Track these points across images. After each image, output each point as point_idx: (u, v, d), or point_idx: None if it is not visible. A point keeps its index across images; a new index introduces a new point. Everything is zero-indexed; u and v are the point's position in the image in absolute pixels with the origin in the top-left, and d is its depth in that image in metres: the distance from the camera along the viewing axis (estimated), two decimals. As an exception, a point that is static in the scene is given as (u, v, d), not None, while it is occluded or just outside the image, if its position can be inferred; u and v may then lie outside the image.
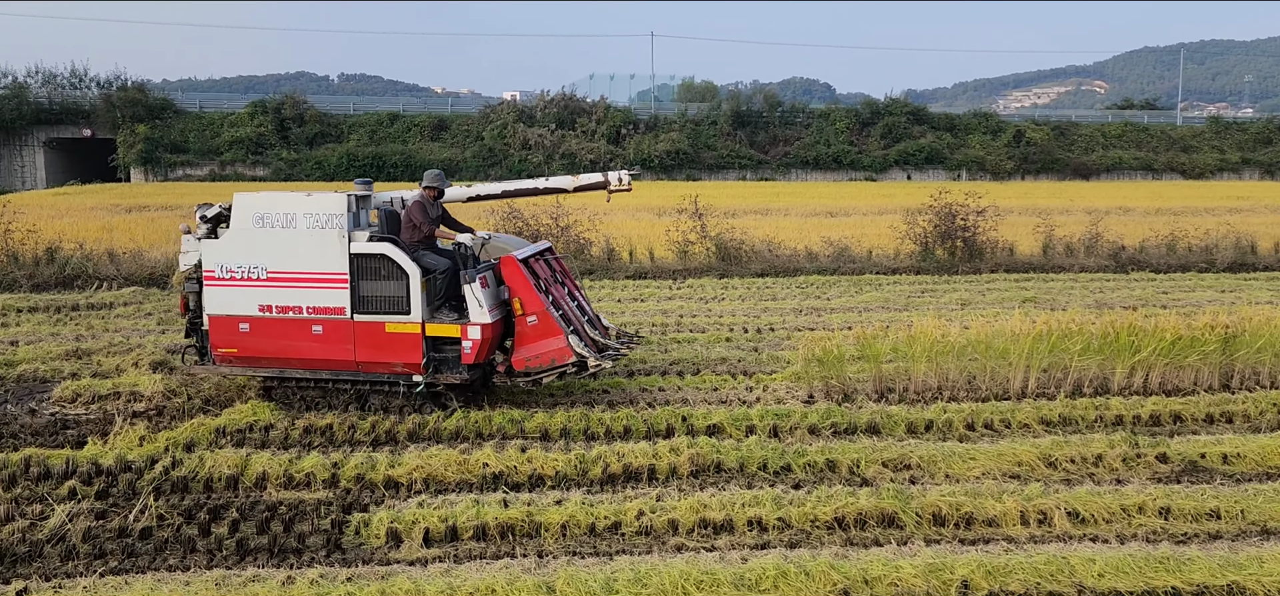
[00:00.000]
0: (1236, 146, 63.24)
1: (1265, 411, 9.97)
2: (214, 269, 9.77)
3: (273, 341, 9.75)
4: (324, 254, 9.52)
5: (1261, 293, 17.44)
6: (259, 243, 9.65)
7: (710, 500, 7.46)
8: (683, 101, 67.82)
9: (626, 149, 55.32)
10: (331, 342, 9.64)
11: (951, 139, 60.69)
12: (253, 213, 9.65)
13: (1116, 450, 8.64)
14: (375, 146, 52.91)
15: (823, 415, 9.59)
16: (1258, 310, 11.74)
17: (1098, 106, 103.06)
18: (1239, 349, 11.03)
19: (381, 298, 9.53)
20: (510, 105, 58.17)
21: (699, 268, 20.12)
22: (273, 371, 9.96)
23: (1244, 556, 6.44)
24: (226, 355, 9.89)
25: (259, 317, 9.72)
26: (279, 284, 9.65)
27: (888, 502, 7.37)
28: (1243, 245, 22.10)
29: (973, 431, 9.47)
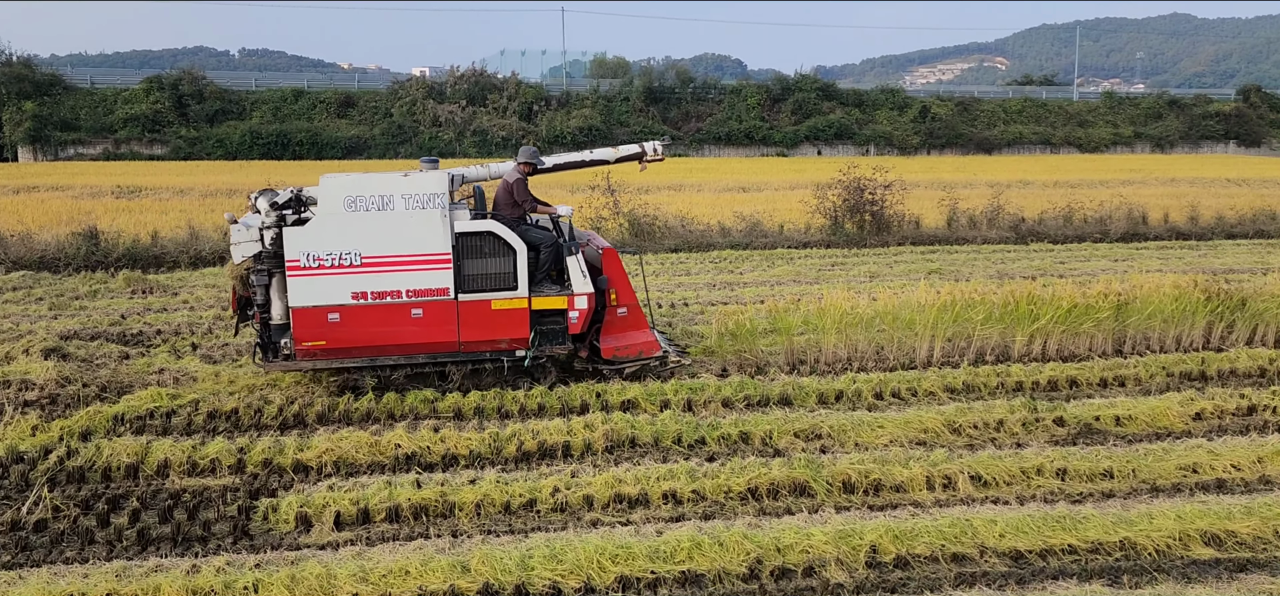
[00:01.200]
0: (1129, 121, 65.72)
1: (1155, 374, 10.41)
2: (299, 258, 9.08)
3: (367, 329, 9.30)
4: (426, 235, 9.21)
5: (1151, 261, 18.19)
6: (352, 227, 9.14)
7: (625, 475, 7.49)
8: (595, 77, 67.48)
9: (539, 126, 54.92)
10: (433, 324, 9.36)
11: (860, 114, 61.74)
12: (342, 197, 9.13)
13: (1017, 415, 8.93)
14: (279, 124, 51.45)
15: (736, 388, 9.69)
16: (1148, 278, 12.23)
17: (999, 82, 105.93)
18: (1130, 316, 11.49)
19: (487, 275, 9.43)
20: (419, 81, 57.16)
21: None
22: (363, 361, 9.49)
23: (1135, 513, 6.73)
24: (312, 348, 9.25)
25: (352, 306, 9.22)
26: (375, 269, 9.21)
27: (799, 472, 7.49)
28: (1134, 216, 23.01)
29: (881, 400, 9.68)
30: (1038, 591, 5.66)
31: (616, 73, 68.39)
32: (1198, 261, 18.25)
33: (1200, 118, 66.06)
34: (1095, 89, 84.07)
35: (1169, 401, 9.31)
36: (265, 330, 9.43)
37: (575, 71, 79.24)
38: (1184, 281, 11.90)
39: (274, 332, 9.40)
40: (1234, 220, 23.40)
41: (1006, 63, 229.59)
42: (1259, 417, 9.13)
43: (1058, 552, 6.39)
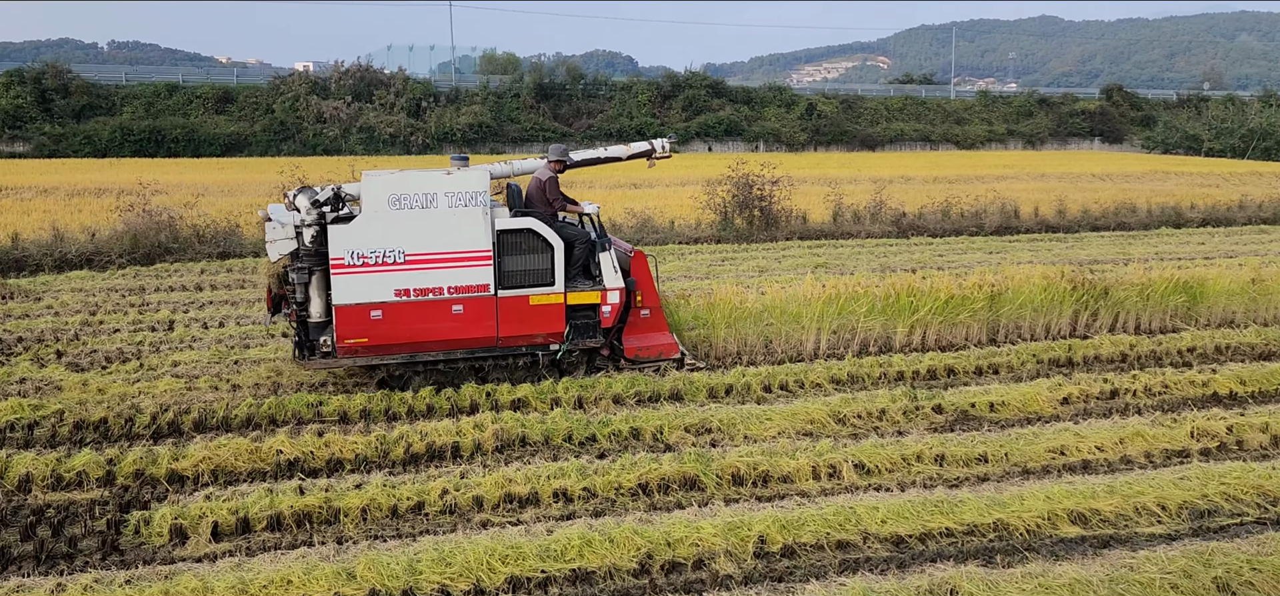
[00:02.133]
0: (1002, 119, 68.43)
1: (1026, 362, 10.86)
2: (344, 256, 9.01)
3: (408, 326, 9.29)
4: (469, 232, 9.26)
5: (1023, 253, 18.99)
6: (396, 225, 9.10)
7: (516, 474, 7.44)
8: (485, 74, 66.84)
9: (427, 122, 54.07)
10: (473, 320, 9.44)
11: (749, 111, 62.71)
12: (387, 195, 9.06)
13: (898, 404, 9.21)
14: (152, 120, 49.32)
15: (627, 384, 9.72)
16: (1019, 270, 12.77)
17: (881, 81, 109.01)
18: (1003, 306, 11.97)
19: (527, 271, 9.58)
20: (302, 76, 55.52)
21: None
22: (402, 357, 9.50)
23: (1007, 495, 7.02)
24: (354, 345, 9.21)
25: (394, 303, 9.21)
26: (418, 266, 9.21)
27: (689, 466, 7.56)
28: (1007, 210, 23.95)
29: (769, 393, 9.85)
30: (917, 574, 5.84)
31: (506, 69, 67.93)
32: (1065, 253, 19.12)
33: (1068, 115, 69.23)
34: (971, 88, 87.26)
35: (1039, 387, 9.74)
36: (303, 328, 9.41)
37: (465, 67, 78.34)
38: (1052, 272, 12.46)
39: (312, 331, 9.36)
40: (1098, 213, 24.59)
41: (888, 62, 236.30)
42: (1121, 401, 9.62)
43: (936, 535, 6.62)
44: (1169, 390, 9.86)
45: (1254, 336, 11.80)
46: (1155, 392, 9.81)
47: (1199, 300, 12.84)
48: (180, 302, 13.94)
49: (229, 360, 10.77)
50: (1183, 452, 8.20)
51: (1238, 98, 75.45)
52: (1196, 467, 7.58)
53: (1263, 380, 10.07)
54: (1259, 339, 11.72)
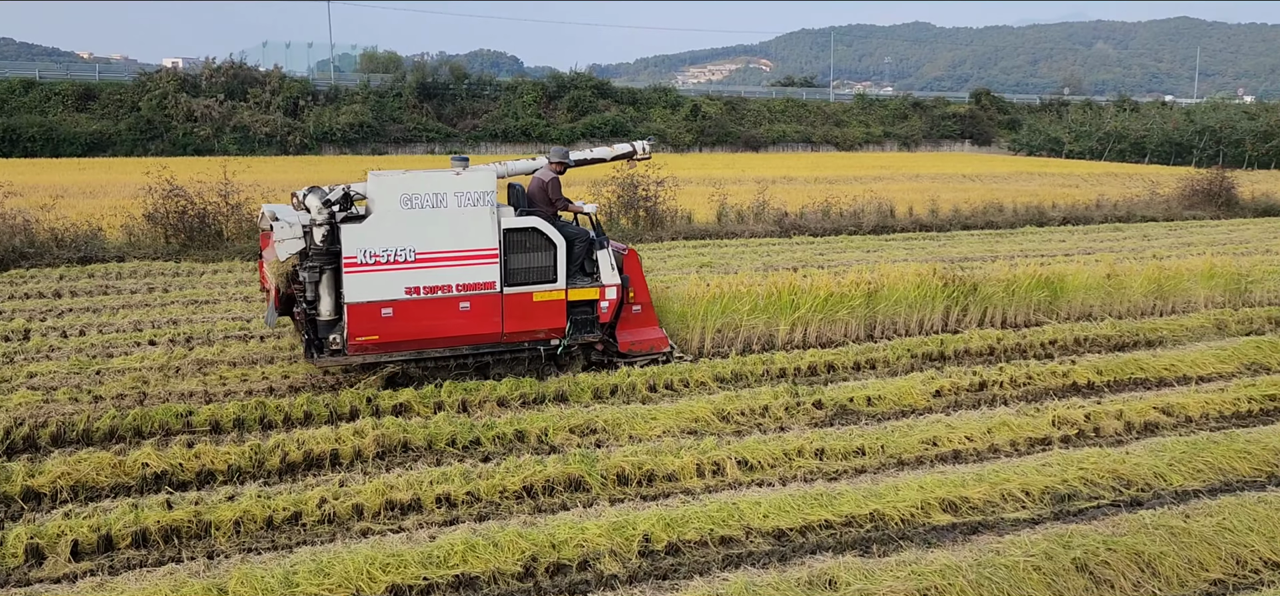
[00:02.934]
0: (879, 121, 70.56)
1: (901, 357, 11.22)
2: (356, 254, 9.10)
3: (418, 323, 9.46)
4: (476, 231, 9.50)
5: (898, 252, 19.62)
6: (407, 224, 9.25)
7: (397, 480, 7.30)
8: (366, 72, 65.43)
9: (306, 122, 52.61)
10: (479, 317, 9.69)
11: (635, 112, 63.03)
12: (398, 194, 9.19)
13: (780, 401, 9.39)
14: (6, 117, 46.61)
15: (511, 387, 9.64)
16: (894, 268, 13.19)
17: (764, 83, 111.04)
18: (880, 303, 12.35)
19: (530, 269, 9.85)
20: (171, 73, 53.29)
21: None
22: (410, 354, 9.69)
23: (883, 486, 7.23)
24: (365, 343, 9.32)
25: (404, 301, 9.35)
26: (428, 264, 9.39)
27: (574, 467, 7.55)
28: (884, 210, 24.69)
29: (654, 392, 9.92)
30: (797, 566, 5.96)
31: (388, 68, 66.63)
32: (937, 251, 19.84)
33: (940, 118, 71.85)
34: (849, 91, 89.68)
35: (913, 381, 10.07)
36: (311, 326, 9.47)
37: (345, 66, 76.57)
38: (925, 270, 12.91)
39: (321, 329, 9.41)
40: (968, 213, 25.58)
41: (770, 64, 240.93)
42: (989, 392, 10.04)
43: (816, 528, 6.77)
44: (1033, 381, 10.32)
45: (1109, 328, 12.46)
46: (1020, 384, 10.26)
47: (1060, 295, 13.48)
48: (37, 310, 13.20)
49: (91, 370, 10.25)
50: (1045, 440, 8.60)
51: (1095, 102, 79.59)
52: (1057, 454, 7.96)
53: (1117, 370, 10.63)
54: (1114, 331, 12.38)
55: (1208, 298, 14.15)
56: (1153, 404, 9.39)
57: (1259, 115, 60.43)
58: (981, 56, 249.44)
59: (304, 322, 9.54)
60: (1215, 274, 14.29)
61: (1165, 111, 68.89)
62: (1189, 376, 10.63)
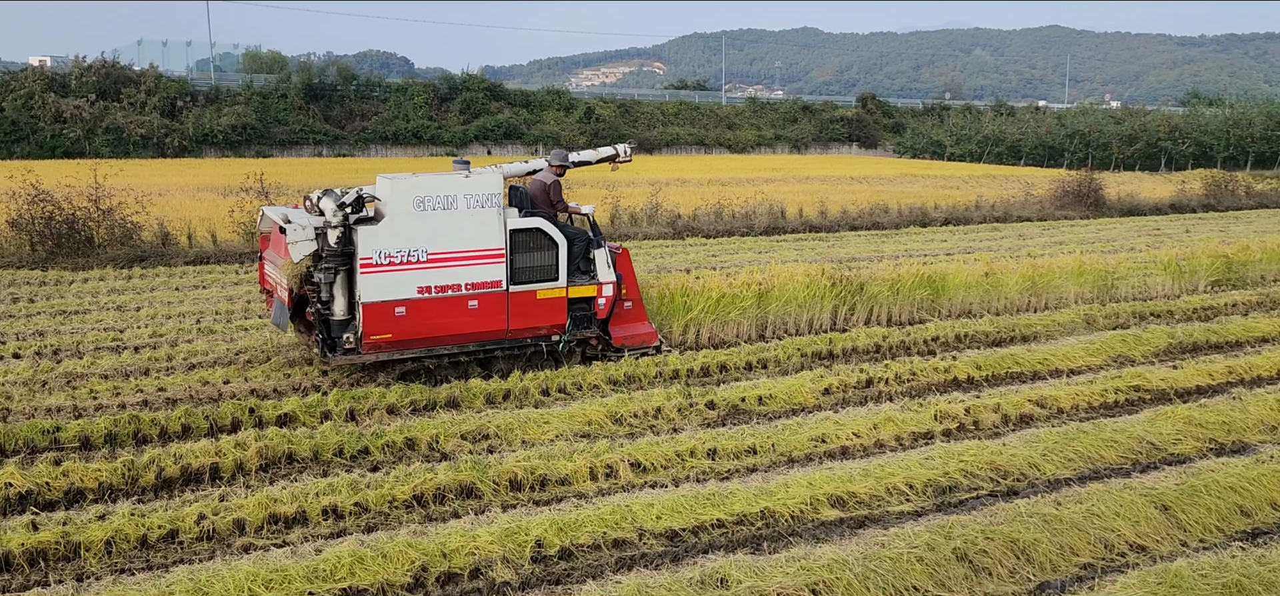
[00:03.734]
0: (770, 124, 71.82)
1: (791, 356, 11.43)
2: (372, 255, 9.39)
3: (429, 321, 9.77)
4: (485, 231, 9.84)
5: (789, 252, 19.99)
6: (419, 226, 9.56)
7: (281, 493, 7.08)
8: (248, 72, 63.44)
9: (185, 123, 50.70)
10: (487, 315, 10.04)
11: (528, 115, 62.72)
12: (411, 197, 9.52)
13: (673, 402, 9.45)
14: None
15: (402, 394, 9.47)
16: (784, 268, 13.42)
17: (657, 86, 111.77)
18: (770, 303, 12.55)
19: (534, 268, 10.22)
20: (37, 72, 50.62)
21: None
22: (421, 351, 9.99)
23: (774, 484, 7.35)
24: (379, 341, 9.62)
25: (416, 300, 9.66)
26: (439, 264, 9.69)
27: (466, 474, 7.46)
28: (775, 211, 25.15)
29: (547, 396, 9.87)
30: (690, 566, 6.00)
31: (272, 68, 64.71)
32: (826, 251, 20.29)
33: (828, 121, 73.51)
34: (741, 94, 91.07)
35: (803, 379, 10.26)
36: (325, 327, 9.70)
37: (226, 65, 74.11)
38: (814, 270, 13.18)
39: (335, 328, 9.63)
40: (856, 214, 26.24)
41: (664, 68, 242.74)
42: (875, 389, 10.30)
43: (708, 527, 6.83)
44: (916, 377, 10.63)
45: (988, 325, 12.93)
46: (905, 380, 10.56)
47: (942, 293, 13.94)
48: (-113, 323, 12.39)
49: (-53, 386, 9.66)
50: (928, 434, 8.86)
51: (974, 107, 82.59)
52: (939, 448, 8.22)
53: (995, 365, 11.04)
54: (992, 327, 12.85)
55: (1078, 294, 14.82)
56: (1028, 396, 9.78)
57: (1124, 120, 63.67)
58: (867, 61, 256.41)
59: (318, 323, 9.74)
60: (1084, 271, 14.98)
61: (1039, 116, 71.97)
62: (1061, 370, 11.10)
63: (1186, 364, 11.05)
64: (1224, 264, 16.30)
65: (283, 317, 10.08)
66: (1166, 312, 14.06)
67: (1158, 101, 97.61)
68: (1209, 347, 12.15)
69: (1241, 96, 77.02)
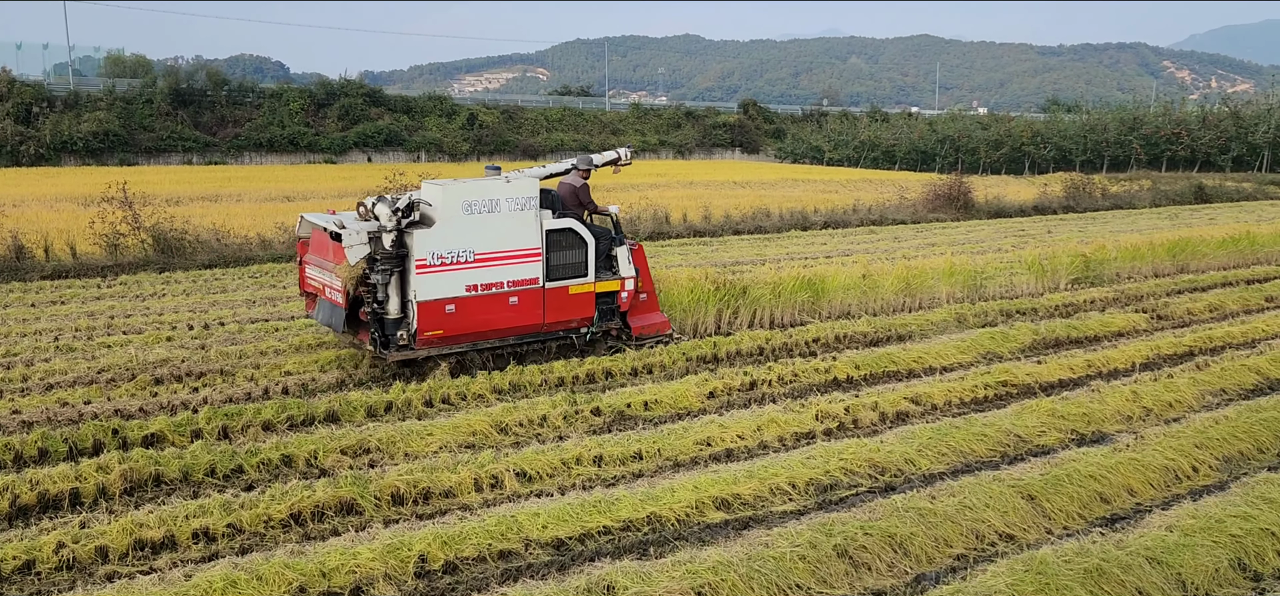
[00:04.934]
0: (654, 130, 72.43)
1: (677, 360, 11.51)
2: (426, 257, 10.06)
3: (475, 317, 10.48)
4: (524, 232, 10.60)
5: (674, 257, 20.17)
6: (467, 228, 10.25)
7: (148, 518, 6.75)
8: (111, 77, 60.54)
9: (42, 130, 48.07)
10: (526, 310, 10.81)
11: (409, 121, 61.69)
12: (460, 201, 10.22)
13: (559, 409, 9.41)
14: None
15: (278, 409, 9.16)
16: (669, 272, 13.53)
17: (541, 92, 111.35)
18: (655, 308, 12.60)
19: (567, 265, 11.00)
20: (-126, 75, 47.36)
21: (134, 262, 18.14)
22: (467, 346, 10.70)
23: (660, 489, 7.38)
24: (432, 337, 10.28)
25: (465, 297, 10.36)
26: (485, 264, 10.40)
27: (346, 490, 7.26)
28: (660, 216, 25.27)
29: (431, 407, 9.69)
30: (577, 575, 5.98)
31: (137, 72, 61.92)
32: (711, 255, 20.55)
33: (711, 127, 74.58)
34: (625, 100, 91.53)
35: (688, 384, 10.35)
36: (380, 325, 10.25)
37: (87, 69, 70.66)
38: (698, 274, 13.32)
39: (389, 326, 10.21)
40: (738, 218, 26.66)
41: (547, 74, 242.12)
42: (758, 391, 10.47)
43: (595, 535, 6.82)
44: (798, 378, 10.85)
45: (866, 325, 13.30)
46: (787, 381, 10.76)
47: (822, 295, 14.27)
48: None
49: None
50: (809, 434, 9.05)
51: (851, 113, 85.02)
52: (821, 447, 8.40)
53: (873, 364, 11.36)
54: (869, 327, 13.22)
55: (949, 294, 15.38)
56: (904, 394, 10.09)
57: (991, 125, 66.54)
58: (748, 68, 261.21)
59: (372, 322, 10.27)
60: (955, 272, 15.56)
61: (912, 122, 74.58)
62: (934, 367, 11.49)
63: (1049, 359, 11.57)
64: (1083, 263, 17.16)
65: (336, 319, 10.45)
66: (1031, 310, 14.70)
67: (1021, 108, 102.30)
68: (1070, 343, 12.76)
69: (1097, 103, 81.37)
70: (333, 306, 10.49)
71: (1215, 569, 6.28)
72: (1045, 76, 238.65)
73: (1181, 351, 12.13)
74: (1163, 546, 6.35)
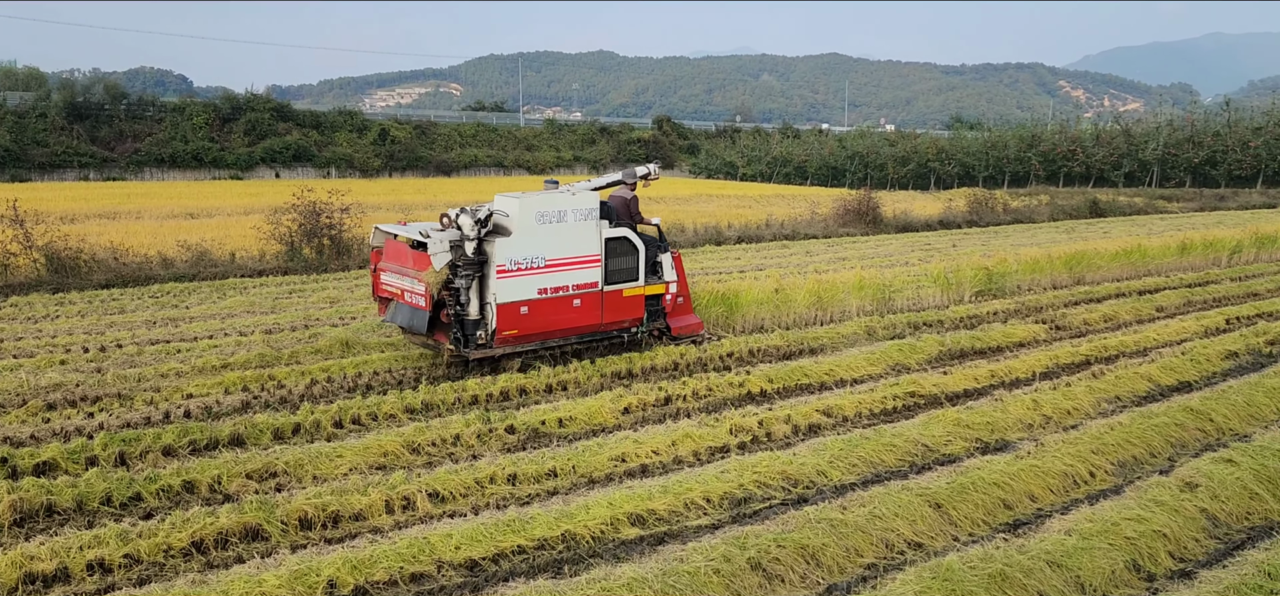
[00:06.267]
0: (569, 145, 72.42)
1: (592, 377, 11.48)
2: (505, 263, 10.96)
3: (545, 317, 11.43)
4: (587, 240, 11.61)
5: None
6: (539, 237, 11.20)
7: (39, 550, 6.45)
8: (1, 89, 58.05)
9: (-77, 144, 45.82)
10: (587, 311, 11.80)
11: (319, 136, 60.54)
12: (534, 212, 11.16)
13: (472, 428, 9.30)
14: None
15: (179, 434, 8.86)
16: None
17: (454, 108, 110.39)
18: (570, 324, 12.57)
19: (622, 270, 12.02)
20: None
21: (25, 283, 17.41)
22: (536, 344, 11.64)
23: (574, 506, 7.34)
24: (508, 336, 11.17)
25: (536, 299, 11.29)
26: (554, 269, 11.35)
27: (251, 515, 7.05)
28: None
29: (341, 429, 9.49)
30: (490, 595, 5.91)
31: (29, 85, 59.55)
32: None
33: (626, 143, 74.90)
34: (539, 116, 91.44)
35: (603, 400, 10.33)
36: (461, 325, 11.07)
37: (-26, 81, 67.59)
38: (612, 290, 13.30)
39: (469, 327, 11.06)
40: (653, 234, 26.73)
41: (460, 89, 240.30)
42: (673, 406, 10.51)
43: (509, 554, 6.75)
44: (712, 393, 10.93)
45: (778, 339, 13.47)
46: (701, 396, 10.83)
47: (735, 309, 14.41)
48: None
49: None
50: (723, 448, 9.11)
51: (763, 130, 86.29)
52: (734, 461, 8.46)
53: (785, 377, 11.51)
54: (782, 341, 13.40)
55: (859, 307, 15.69)
56: (815, 407, 10.24)
57: (898, 142, 68.25)
58: (662, 85, 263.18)
59: (454, 322, 11.04)
60: (865, 286, 15.88)
61: (822, 138, 76.06)
62: (845, 379, 11.70)
63: (955, 369, 11.89)
64: (985, 275, 17.69)
65: (418, 320, 11.14)
66: (937, 322, 15.09)
67: (926, 125, 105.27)
68: (974, 353, 13.13)
69: (998, 121, 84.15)
70: (413, 309, 11.21)
71: (1111, 570, 6.52)
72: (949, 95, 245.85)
73: (1079, 360, 12.58)
74: (1062, 550, 6.56)
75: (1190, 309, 16.40)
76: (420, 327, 11.14)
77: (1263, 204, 43.43)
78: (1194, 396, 10.36)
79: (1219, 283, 18.79)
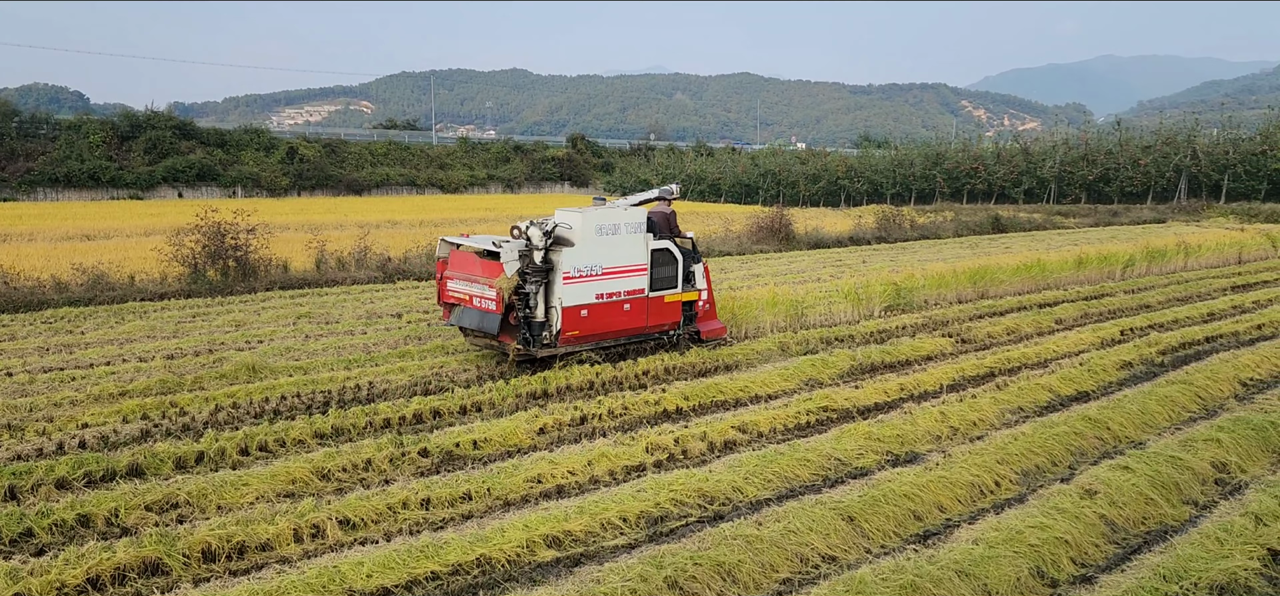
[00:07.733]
0: (483, 164, 71.89)
1: (507, 397, 11.37)
2: (570, 270, 11.99)
3: (600, 320, 12.51)
4: (637, 251, 12.69)
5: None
6: (598, 247, 12.26)
7: (-81, 593, 6.11)
8: (-120, 106, 55.23)
9: None
10: (636, 315, 12.90)
11: (224, 155, 58.98)
12: (595, 225, 12.18)
13: (384, 452, 9.11)
14: None
15: (73, 465, 8.49)
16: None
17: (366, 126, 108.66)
18: (484, 344, 12.45)
19: (664, 278, 13.11)
20: None
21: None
22: (592, 344, 12.68)
23: (490, 529, 7.24)
24: (571, 336, 12.21)
25: (595, 303, 12.36)
26: (609, 276, 12.43)
27: (151, 549, 6.78)
28: (489, 252, 25.04)
29: (247, 456, 9.21)
30: (403, 624, 5.79)
31: (-89, 101, 56.71)
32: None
33: (540, 161, 74.68)
34: (452, 134, 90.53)
35: (518, 420, 10.23)
36: (528, 327, 12.10)
37: None
38: (527, 310, 13.21)
39: (535, 328, 12.09)
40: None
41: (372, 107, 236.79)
42: (589, 425, 10.46)
43: (423, 581, 6.62)
44: (629, 411, 10.92)
45: (694, 356, 13.53)
46: (617, 414, 10.80)
47: (650, 327, 14.43)
48: None
49: None
50: (640, 467, 9.10)
51: (677, 148, 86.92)
52: (651, 479, 8.45)
53: (701, 394, 11.57)
54: (697, 358, 13.46)
55: (773, 323, 15.88)
56: (731, 423, 10.31)
57: (809, 160, 69.46)
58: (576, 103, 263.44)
59: (521, 324, 12.09)
60: (778, 302, 16.08)
61: (735, 157, 76.96)
62: (760, 395, 11.82)
63: (866, 383, 12.11)
64: (894, 290, 18.09)
65: (489, 323, 12.14)
66: (849, 337, 15.36)
67: (836, 143, 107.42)
68: (884, 367, 13.39)
69: (904, 139, 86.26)
70: (483, 313, 12.30)
71: (1017, 577, 6.69)
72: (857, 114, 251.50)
73: (984, 372, 12.94)
74: (970, 559, 6.71)
75: (1087, 321, 17.01)
76: (491, 329, 12.18)
77: (1152, 219, 45.37)
78: (1092, 406, 10.73)
79: (1114, 295, 19.54)
